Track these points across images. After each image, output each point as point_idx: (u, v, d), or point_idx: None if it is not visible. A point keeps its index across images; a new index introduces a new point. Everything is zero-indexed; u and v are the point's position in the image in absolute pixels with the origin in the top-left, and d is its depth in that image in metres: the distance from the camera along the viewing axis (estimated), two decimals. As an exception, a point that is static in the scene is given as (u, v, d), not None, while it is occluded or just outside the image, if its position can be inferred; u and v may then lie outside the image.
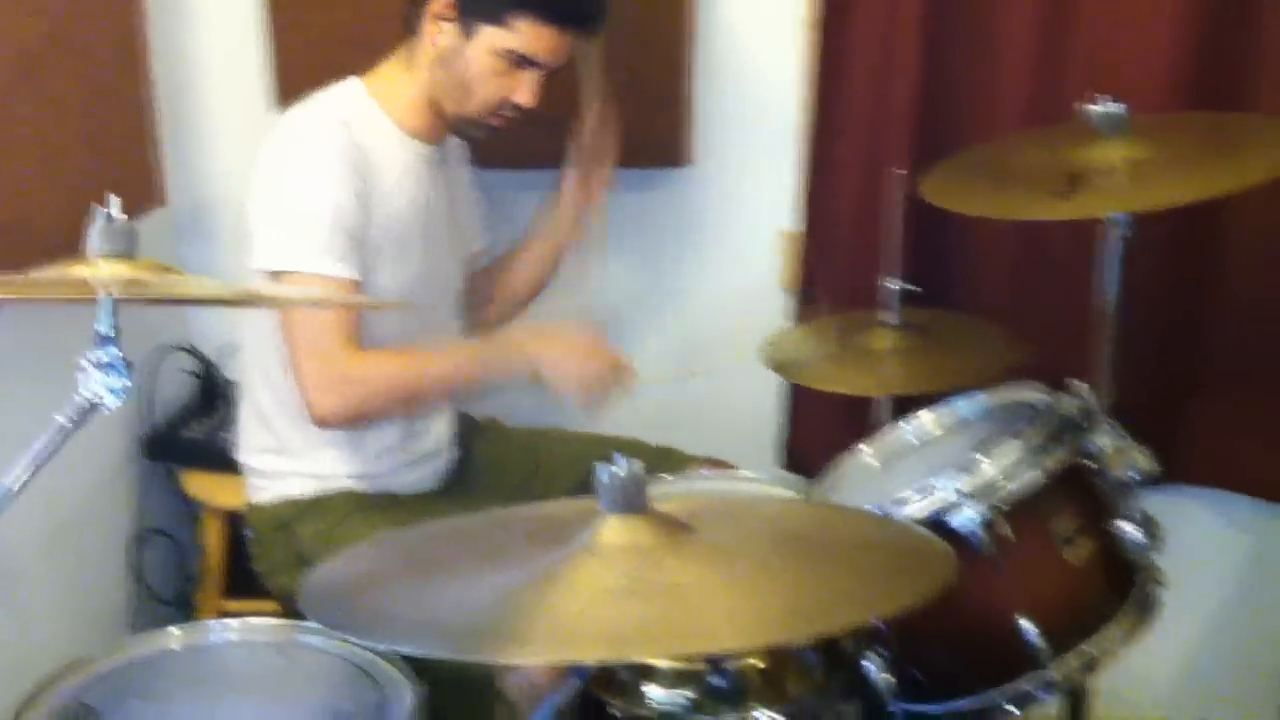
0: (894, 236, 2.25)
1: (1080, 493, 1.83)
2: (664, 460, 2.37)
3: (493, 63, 2.11)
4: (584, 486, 2.32)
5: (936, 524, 1.74)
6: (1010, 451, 1.77)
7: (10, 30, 2.14)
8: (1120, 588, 1.83)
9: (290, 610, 2.19)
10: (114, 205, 1.27)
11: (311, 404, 2.06)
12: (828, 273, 2.56)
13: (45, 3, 2.24)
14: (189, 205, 2.76)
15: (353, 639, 1.31)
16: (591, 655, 1.42)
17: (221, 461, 2.56)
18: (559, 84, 2.23)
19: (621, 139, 2.43)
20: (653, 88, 2.60)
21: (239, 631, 2.01)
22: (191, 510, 2.70)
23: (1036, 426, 1.80)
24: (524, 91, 2.14)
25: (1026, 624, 1.75)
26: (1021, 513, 1.75)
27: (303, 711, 1.85)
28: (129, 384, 1.26)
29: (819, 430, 2.55)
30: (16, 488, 1.23)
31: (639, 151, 2.61)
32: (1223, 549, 2.82)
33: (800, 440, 2.62)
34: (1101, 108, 1.98)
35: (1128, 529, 1.84)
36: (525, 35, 2.10)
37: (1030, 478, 1.75)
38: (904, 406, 2.19)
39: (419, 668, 1.90)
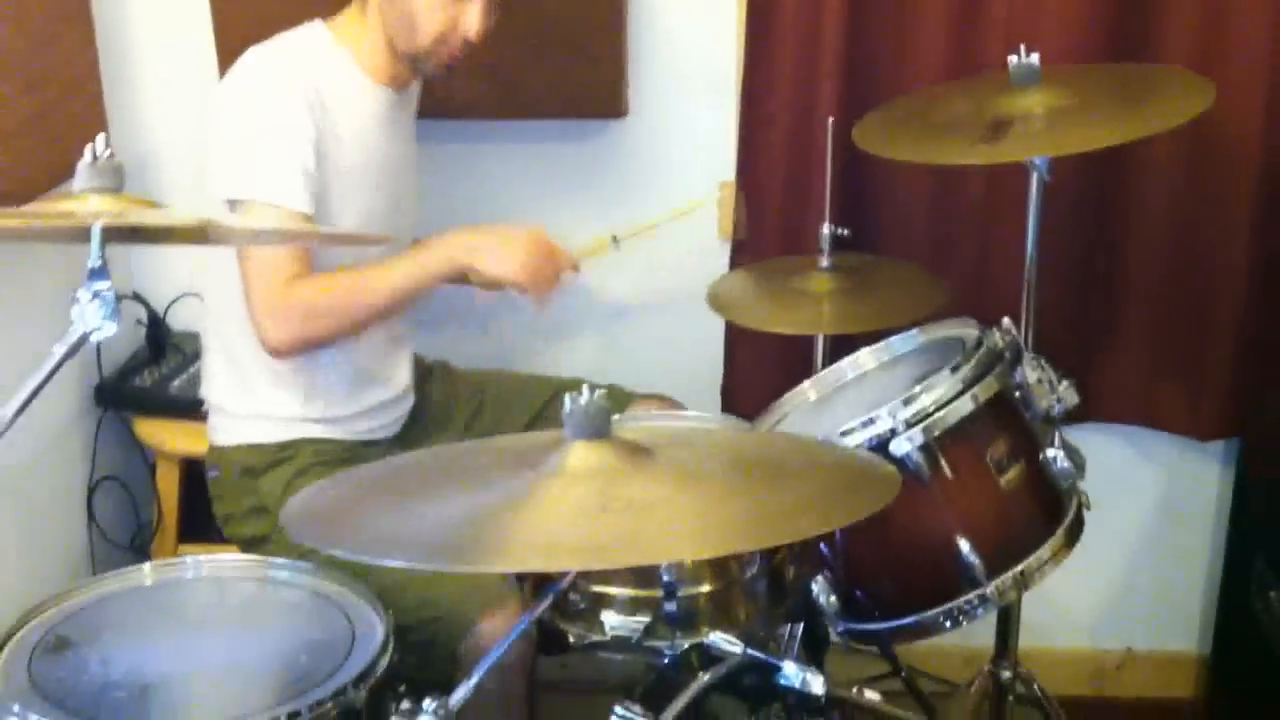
0: (826, 184, 2.35)
1: (1010, 423, 1.95)
2: (612, 399, 2.45)
3: None
4: (533, 425, 2.42)
5: (877, 452, 1.85)
6: (944, 383, 1.88)
7: None
8: (1049, 512, 1.96)
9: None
10: (101, 142, 1.32)
11: (262, 330, 2.13)
12: (763, 221, 2.65)
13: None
14: (129, 158, 2.77)
15: (337, 554, 1.36)
16: (564, 564, 1.52)
17: (172, 408, 2.63)
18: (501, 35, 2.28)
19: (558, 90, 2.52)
20: (589, 39, 2.64)
21: (210, 568, 2.08)
22: (145, 458, 2.75)
23: (969, 359, 1.91)
24: (469, 21, 2.17)
25: (963, 545, 1.87)
26: (956, 440, 1.87)
27: (275, 641, 1.91)
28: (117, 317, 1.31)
29: (758, 374, 2.65)
30: (11, 414, 1.28)
31: (576, 103, 2.70)
32: (1140, 483, 2.96)
33: (739, 383, 2.72)
34: (1017, 60, 2.09)
35: (1055, 457, 1.97)
36: None
37: (963, 406, 1.86)
38: (838, 352, 2.29)
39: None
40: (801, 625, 2.10)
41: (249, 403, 2.30)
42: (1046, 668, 2.59)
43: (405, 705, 1.57)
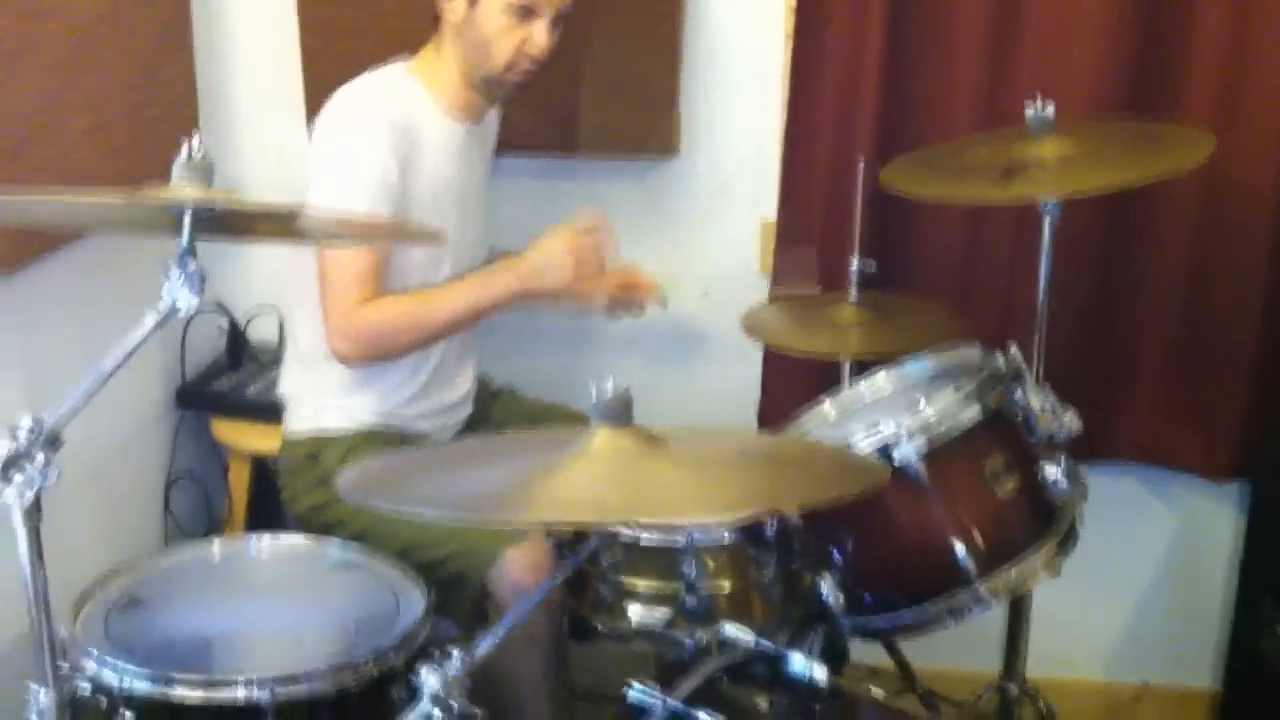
0: (857, 222, 2.52)
1: (1010, 438, 2.11)
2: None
3: (501, 20, 2.33)
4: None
5: (880, 458, 2.01)
6: (947, 396, 2.04)
7: (72, 7, 2.35)
8: (1043, 522, 2.10)
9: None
10: (196, 141, 1.52)
11: (334, 345, 2.34)
12: (800, 258, 2.82)
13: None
14: (221, 184, 3.00)
15: (379, 506, 1.55)
16: (581, 518, 1.68)
17: (247, 410, 2.85)
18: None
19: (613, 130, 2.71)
20: (643, 82, 2.84)
21: (272, 546, 2.28)
22: (219, 458, 2.96)
23: (972, 376, 2.07)
24: (537, 38, 2.36)
25: (958, 547, 2.03)
26: (955, 449, 2.03)
27: (326, 610, 2.11)
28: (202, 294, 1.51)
29: (789, 397, 2.80)
30: (109, 368, 1.48)
31: (629, 142, 2.88)
32: (1154, 522, 3.06)
33: (772, 406, 2.88)
34: (1034, 110, 2.26)
35: (1052, 472, 2.12)
36: None
37: (964, 418, 2.03)
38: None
39: (420, 569, 2.17)
40: (820, 636, 2.27)
41: (321, 400, 2.50)
42: (1061, 699, 2.68)
43: (435, 654, 1.73)
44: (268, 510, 2.72)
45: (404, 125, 2.36)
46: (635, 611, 2.29)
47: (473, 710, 1.67)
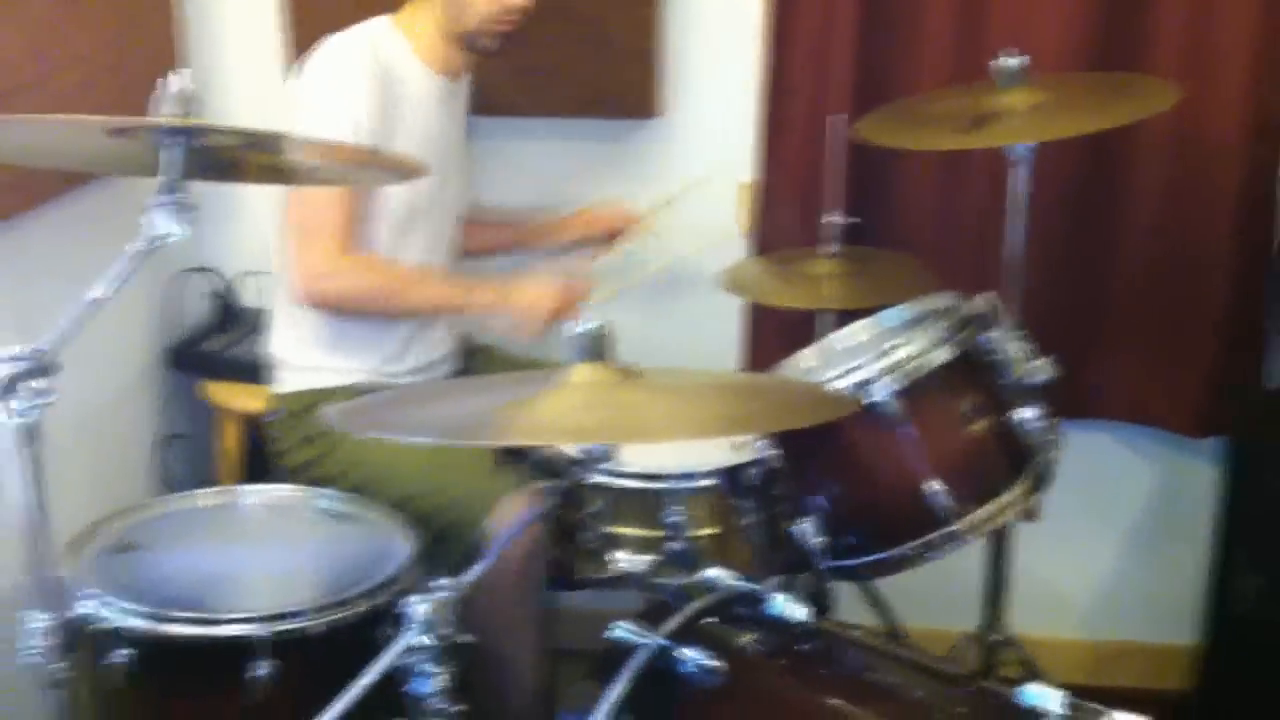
0: (835, 177, 2.57)
1: (983, 379, 2.15)
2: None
3: None
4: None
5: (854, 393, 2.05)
6: (921, 337, 2.09)
7: None
8: (1018, 462, 2.15)
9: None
10: (183, 73, 1.55)
11: (294, 285, 2.40)
12: (778, 217, 2.87)
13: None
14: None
15: (371, 434, 1.59)
16: (560, 440, 1.72)
17: (238, 371, 2.89)
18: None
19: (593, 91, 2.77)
20: (624, 43, 2.87)
21: (261, 495, 2.33)
22: (209, 417, 3.00)
23: (943, 319, 2.12)
24: None
25: (934, 485, 2.07)
26: (929, 388, 2.07)
27: (317, 555, 2.17)
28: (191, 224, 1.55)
29: (769, 350, 2.85)
30: (101, 296, 1.52)
31: (610, 103, 2.92)
32: (1134, 479, 3.11)
33: (754, 359, 2.93)
34: (1005, 61, 2.31)
35: (1027, 414, 2.16)
36: None
37: (936, 356, 2.06)
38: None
39: (417, 521, 2.22)
40: (804, 584, 2.31)
41: (309, 358, 2.54)
42: (1043, 656, 2.72)
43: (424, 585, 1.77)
44: (259, 470, 2.75)
45: (387, 75, 2.41)
46: (620, 558, 2.35)
47: (461, 636, 1.71)
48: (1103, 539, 3.16)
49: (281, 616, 1.92)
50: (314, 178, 2.01)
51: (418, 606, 1.68)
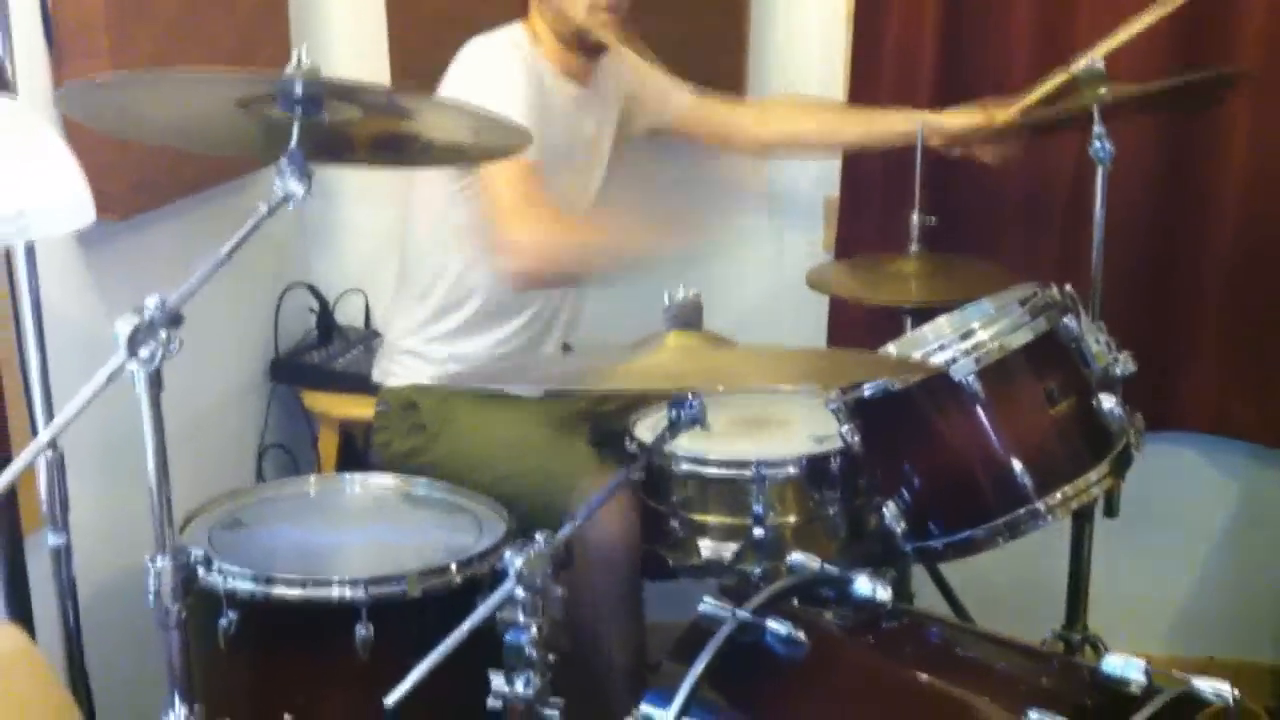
0: (918, 179, 2.62)
1: (1063, 363, 2.20)
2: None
3: None
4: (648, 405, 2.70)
5: (940, 376, 2.10)
6: (1003, 320, 2.14)
7: None
8: (1099, 447, 2.18)
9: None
10: (305, 48, 1.65)
11: (516, 251, 2.37)
12: (862, 226, 2.95)
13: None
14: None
15: (483, 386, 1.68)
16: (656, 385, 1.80)
17: (337, 382, 3.01)
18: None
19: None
20: (713, 66, 2.94)
21: (363, 484, 2.43)
22: (309, 428, 3.11)
23: (1027, 303, 2.17)
24: None
25: (1016, 465, 2.12)
26: (1012, 369, 2.13)
27: (414, 532, 2.25)
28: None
29: (855, 345, 2.90)
30: (225, 253, 1.61)
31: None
32: (1216, 493, 3.10)
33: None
34: (1085, 62, 2.38)
35: (1108, 401, 2.20)
36: None
37: (1018, 338, 2.12)
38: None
39: (512, 506, 2.30)
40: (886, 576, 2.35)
41: (423, 349, 2.61)
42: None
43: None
44: (355, 476, 2.84)
45: (531, 69, 2.49)
46: (706, 546, 2.41)
47: (554, 588, 1.77)
48: (1184, 553, 3.16)
49: (381, 581, 2.00)
50: (431, 156, 2.06)
51: (515, 558, 1.75)
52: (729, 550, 2.38)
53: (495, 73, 2.47)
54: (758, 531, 2.35)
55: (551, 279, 2.51)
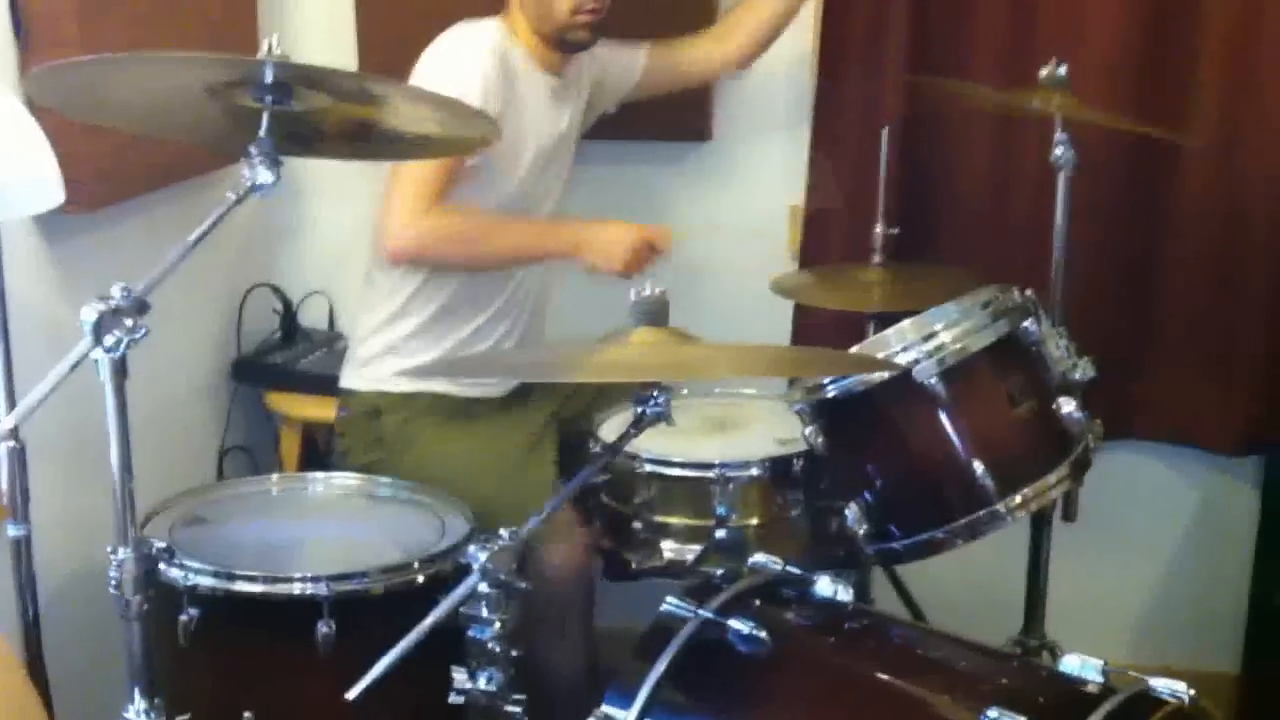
0: (881, 188, 2.65)
1: (1027, 367, 2.21)
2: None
3: None
4: (619, 402, 2.71)
5: (903, 377, 2.12)
6: (966, 322, 2.16)
7: None
8: (1060, 449, 2.20)
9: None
10: (275, 38, 1.65)
11: (387, 238, 2.48)
12: (828, 234, 2.96)
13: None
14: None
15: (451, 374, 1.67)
16: (623, 377, 1.81)
17: (300, 383, 3.00)
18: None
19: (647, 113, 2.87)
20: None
21: (325, 482, 2.42)
22: (271, 429, 3.10)
23: (986, 305, 2.19)
24: None
25: (977, 466, 2.13)
26: (974, 370, 2.14)
27: (378, 528, 2.25)
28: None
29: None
30: (193, 240, 1.61)
31: (663, 126, 3.02)
32: (1174, 500, 3.12)
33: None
34: (1048, 70, 2.40)
35: (1068, 405, 2.22)
36: None
37: (980, 338, 2.14)
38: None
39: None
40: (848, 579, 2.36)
41: (388, 355, 2.61)
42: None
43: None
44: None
45: (504, 62, 2.51)
46: (669, 547, 2.42)
47: (518, 583, 1.78)
48: (1143, 561, 3.17)
49: (343, 577, 1.99)
50: (399, 148, 2.08)
51: (478, 553, 1.75)
52: (692, 552, 2.38)
53: (458, 64, 2.49)
54: (720, 533, 2.36)
55: (423, 264, 2.55)
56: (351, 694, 1.69)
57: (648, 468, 2.38)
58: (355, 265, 2.78)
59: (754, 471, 2.37)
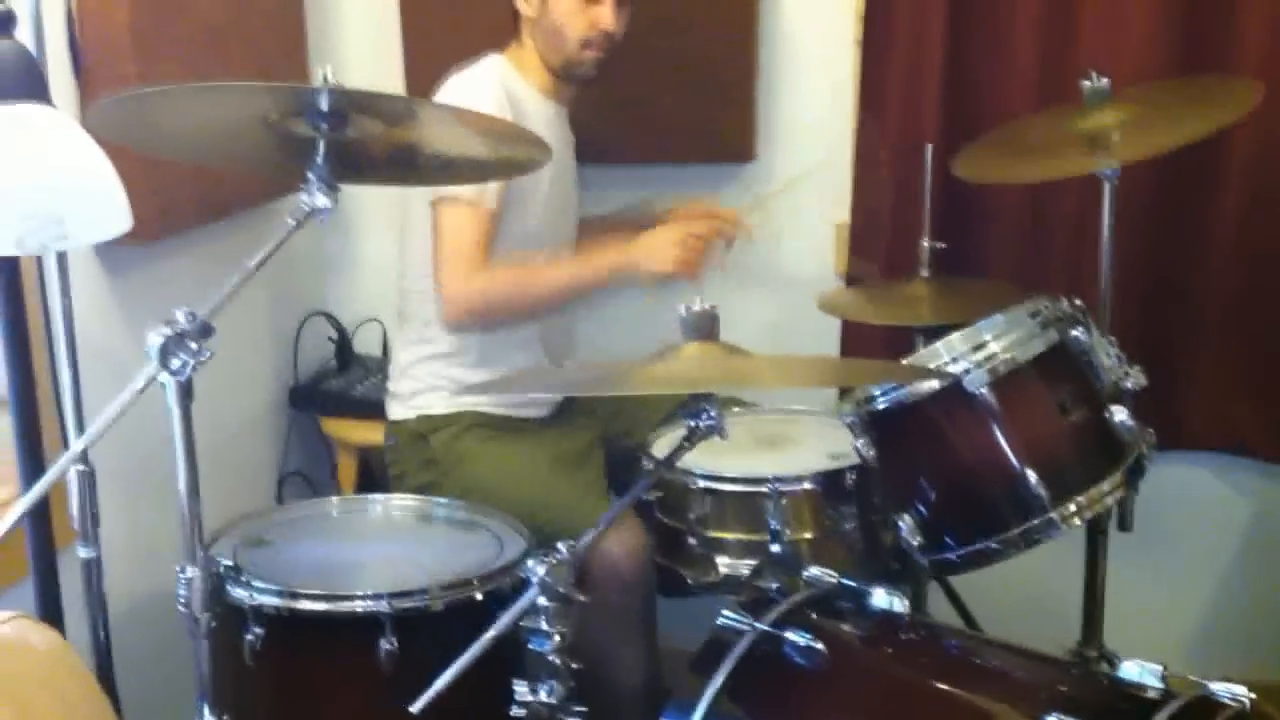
0: (927, 205, 2.67)
1: (1078, 376, 2.22)
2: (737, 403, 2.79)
3: (571, 4, 2.56)
4: (664, 424, 2.74)
5: (953, 388, 2.13)
6: (1015, 332, 2.17)
7: (202, 12, 2.57)
8: (1112, 457, 2.20)
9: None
10: (329, 68, 1.69)
11: (446, 311, 2.53)
12: (872, 250, 2.98)
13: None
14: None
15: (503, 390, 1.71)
16: (674, 389, 1.83)
17: (356, 408, 3.03)
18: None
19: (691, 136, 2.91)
20: (721, 89, 3.01)
21: (384, 504, 2.46)
22: (329, 455, 3.14)
23: (1038, 316, 2.20)
24: (605, 17, 2.57)
25: (1030, 475, 2.14)
26: (1025, 380, 2.16)
27: (437, 548, 2.27)
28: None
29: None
30: (254, 266, 1.65)
31: (708, 147, 3.05)
32: (1230, 511, 3.11)
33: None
34: (1089, 83, 2.41)
35: (1119, 413, 2.22)
36: None
37: (1030, 348, 2.15)
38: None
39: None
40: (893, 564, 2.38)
41: (432, 382, 2.66)
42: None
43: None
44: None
45: (512, 97, 2.57)
46: (724, 563, 2.43)
47: (575, 595, 1.80)
48: (1198, 571, 3.16)
49: (404, 594, 2.02)
50: (446, 174, 2.12)
51: (537, 567, 1.78)
52: (746, 566, 2.40)
53: (468, 100, 2.51)
54: (775, 547, 2.37)
55: (485, 326, 2.61)
56: (415, 707, 1.73)
57: (701, 484, 2.40)
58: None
59: (807, 485, 2.38)
